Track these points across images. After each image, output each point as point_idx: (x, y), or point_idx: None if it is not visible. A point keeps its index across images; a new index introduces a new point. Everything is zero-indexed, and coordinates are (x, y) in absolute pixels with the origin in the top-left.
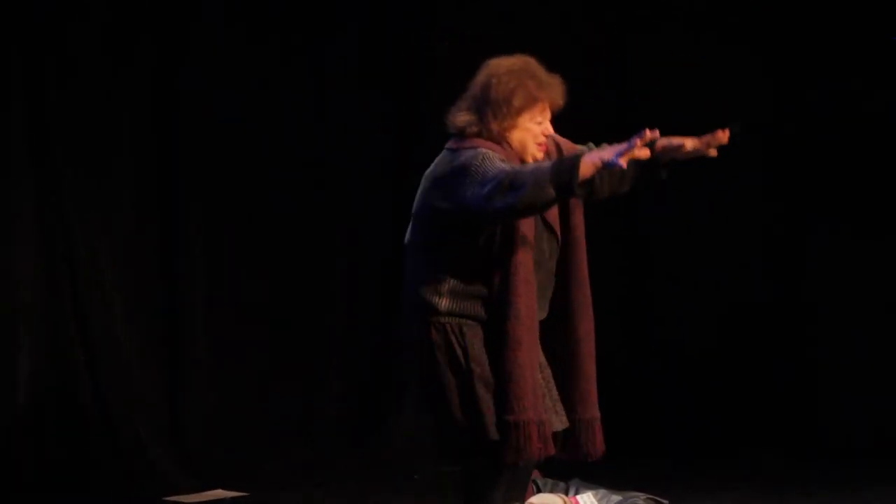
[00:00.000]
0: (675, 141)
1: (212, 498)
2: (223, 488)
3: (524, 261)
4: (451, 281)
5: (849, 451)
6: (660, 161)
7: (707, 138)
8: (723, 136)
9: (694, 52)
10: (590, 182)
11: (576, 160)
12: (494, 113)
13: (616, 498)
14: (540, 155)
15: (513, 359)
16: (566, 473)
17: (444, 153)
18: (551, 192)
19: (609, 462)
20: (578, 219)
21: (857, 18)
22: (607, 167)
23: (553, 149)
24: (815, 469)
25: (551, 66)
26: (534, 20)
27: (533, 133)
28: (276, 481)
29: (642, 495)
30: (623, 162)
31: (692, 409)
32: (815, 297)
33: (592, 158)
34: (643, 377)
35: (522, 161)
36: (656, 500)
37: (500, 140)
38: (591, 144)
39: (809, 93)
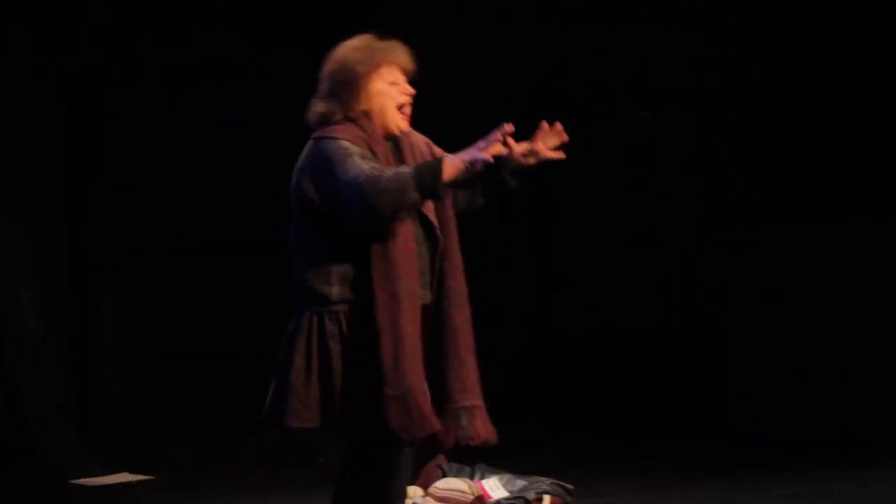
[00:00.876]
0: (512, 149)
1: (118, 481)
2: (129, 472)
3: (403, 237)
4: (338, 268)
5: (756, 440)
6: (506, 169)
7: (537, 136)
8: (548, 130)
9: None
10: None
11: (438, 163)
12: (347, 90)
13: (521, 482)
14: (404, 124)
15: (399, 334)
16: (472, 458)
17: (308, 143)
18: (415, 195)
19: (515, 447)
20: (450, 208)
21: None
22: (471, 165)
23: (426, 150)
24: (720, 456)
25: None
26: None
27: (390, 96)
28: (185, 465)
29: (547, 480)
30: (488, 156)
31: (600, 395)
32: (726, 289)
33: (454, 160)
34: (553, 364)
35: (387, 135)
36: (561, 485)
37: (362, 117)
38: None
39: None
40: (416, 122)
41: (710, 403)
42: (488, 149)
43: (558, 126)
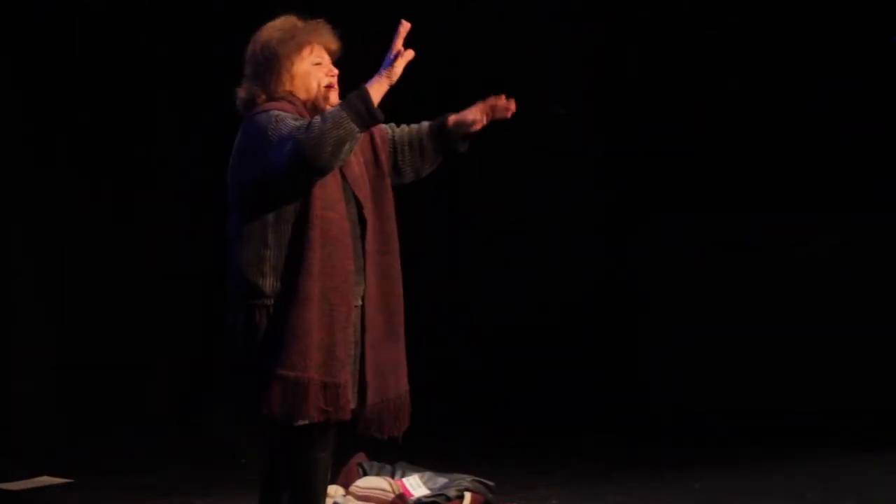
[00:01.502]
0: (466, 117)
1: (39, 485)
2: (49, 475)
3: (330, 218)
4: (272, 257)
5: (672, 431)
6: (455, 135)
7: (490, 103)
8: (502, 102)
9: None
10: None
11: (361, 89)
12: (269, 71)
13: (442, 480)
14: (335, 98)
15: (299, 314)
16: (392, 456)
17: (239, 127)
18: (353, 126)
19: (436, 443)
20: (389, 190)
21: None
22: (391, 72)
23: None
24: (639, 449)
25: None
26: None
27: (315, 77)
28: (103, 466)
29: (468, 477)
30: (394, 54)
31: (516, 389)
32: (643, 282)
33: (374, 79)
34: (470, 361)
35: (317, 110)
36: (482, 482)
37: (287, 97)
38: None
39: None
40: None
41: (628, 398)
42: (394, 48)
43: (512, 106)
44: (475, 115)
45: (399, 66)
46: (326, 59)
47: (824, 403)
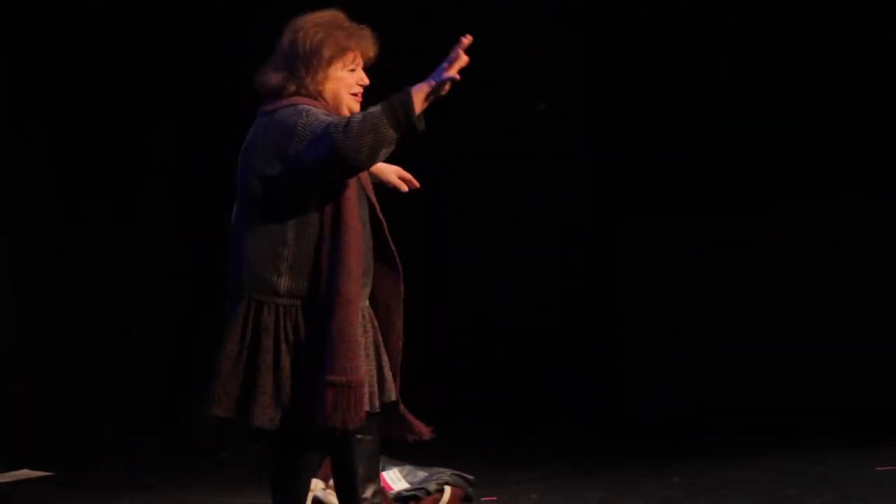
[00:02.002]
0: (388, 177)
1: (17, 478)
2: (28, 468)
3: (353, 224)
4: (290, 256)
5: (652, 428)
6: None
7: (405, 177)
8: (413, 181)
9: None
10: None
11: (405, 93)
12: (306, 67)
13: (422, 473)
14: (356, 107)
15: (344, 317)
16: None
17: (259, 119)
18: (391, 132)
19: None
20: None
21: None
22: (439, 86)
23: None
24: (619, 445)
25: None
26: None
27: (346, 83)
28: (82, 461)
29: (448, 471)
30: (454, 74)
31: (497, 385)
32: (624, 278)
33: (421, 86)
34: (451, 353)
35: (337, 113)
36: (462, 476)
37: (316, 95)
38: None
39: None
40: None
41: (609, 392)
42: (452, 67)
43: (416, 185)
44: (395, 181)
45: (455, 73)
46: (360, 67)
47: (810, 402)
